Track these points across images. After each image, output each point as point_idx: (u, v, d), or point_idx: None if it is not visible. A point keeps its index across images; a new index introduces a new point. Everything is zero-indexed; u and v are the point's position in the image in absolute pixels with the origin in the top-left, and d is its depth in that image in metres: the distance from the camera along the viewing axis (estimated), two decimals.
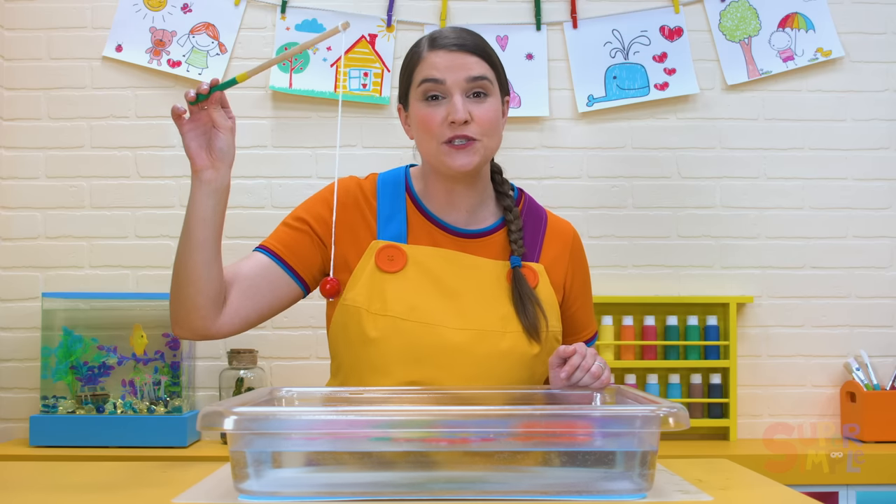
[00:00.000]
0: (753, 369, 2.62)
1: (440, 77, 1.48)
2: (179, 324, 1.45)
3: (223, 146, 1.40)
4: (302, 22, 2.62)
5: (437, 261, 1.53)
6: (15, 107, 2.61)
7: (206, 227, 1.41)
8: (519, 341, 1.50)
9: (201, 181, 1.40)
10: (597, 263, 2.57)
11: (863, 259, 2.64)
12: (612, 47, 2.64)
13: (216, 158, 1.40)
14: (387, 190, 1.58)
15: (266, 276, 1.51)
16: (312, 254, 1.54)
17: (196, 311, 1.43)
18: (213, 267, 1.42)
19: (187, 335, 1.47)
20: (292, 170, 2.62)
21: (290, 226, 1.56)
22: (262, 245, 1.54)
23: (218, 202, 1.42)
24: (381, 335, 1.47)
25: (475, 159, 1.49)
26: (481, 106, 1.49)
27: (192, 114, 1.39)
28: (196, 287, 1.42)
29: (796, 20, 2.65)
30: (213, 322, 1.45)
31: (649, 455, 1.12)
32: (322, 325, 2.52)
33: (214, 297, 1.44)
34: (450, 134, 1.47)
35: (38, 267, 2.59)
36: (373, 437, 1.10)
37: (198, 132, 1.39)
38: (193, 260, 1.41)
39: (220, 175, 1.41)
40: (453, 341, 1.47)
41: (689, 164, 2.65)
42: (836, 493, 2.32)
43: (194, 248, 1.41)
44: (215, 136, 1.40)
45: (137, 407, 2.41)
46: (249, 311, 1.49)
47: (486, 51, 1.52)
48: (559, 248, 1.61)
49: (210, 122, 1.40)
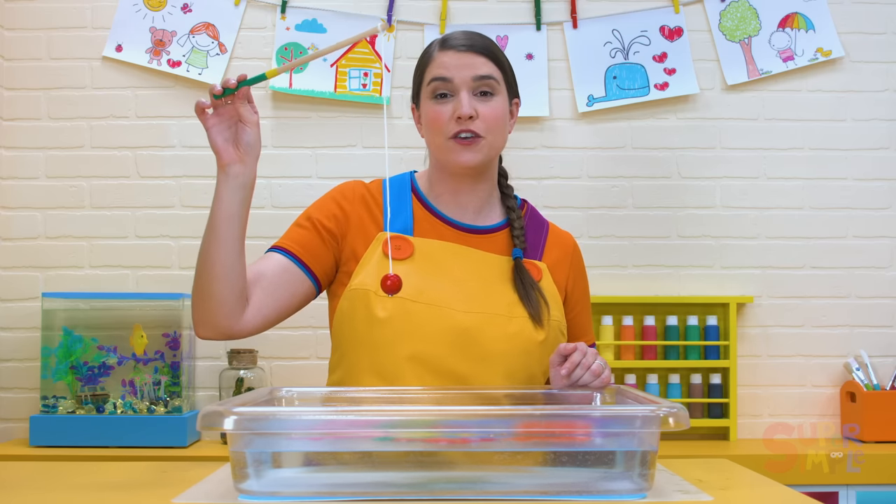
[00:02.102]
0: (753, 369, 2.62)
1: (448, 75, 1.53)
2: (203, 323, 1.45)
3: (250, 140, 1.41)
4: (302, 22, 2.62)
5: (443, 253, 1.55)
6: (15, 107, 2.61)
7: (232, 223, 1.41)
8: (525, 326, 1.52)
9: (228, 175, 1.40)
10: (597, 263, 2.58)
11: (863, 259, 2.64)
12: (612, 47, 2.65)
13: (244, 153, 1.41)
14: (393, 190, 1.61)
15: (285, 275, 1.52)
16: (325, 253, 1.55)
17: (221, 308, 1.43)
18: (239, 263, 1.43)
19: (211, 334, 1.46)
20: (292, 170, 2.62)
21: (302, 226, 1.57)
22: (277, 245, 1.55)
23: (245, 198, 1.42)
24: (390, 315, 1.48)
25: (479, 156, 1.53)
26: (487, 104, 1.53)
27: (217, 108, 1.39)
28: (223, 283, 1.42)
29: (796, 20, 2.65)
30: (238, 320, 1.45)
31: (649, 455, 1.12)
32: (322, 325, 2.52)
33: (239, 294, 1.44)
34: (456, 129, 1.51)
35: (38, 267, 2.59)
36: (375, 437, 1.10)
37: (223, 127, 1.40)
38: (220, 257, 1.41)
39: (247, 169, 1.41)
40: (462, 323, 1.49)
41: (689, 164, 2.65)
42: (836, 493, 2.32)
43: (221, 245, 1.41)
44: (242, 130, 1.40)
45: (137, 407, 2.41)
46: (271, 309, 1.50)
47: (494, 52, 1.56)
48: (560, 253, 1.65)
49: (236, 117, 1.40)
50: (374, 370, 1.49)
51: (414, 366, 1.48)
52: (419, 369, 1.48)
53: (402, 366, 1.47)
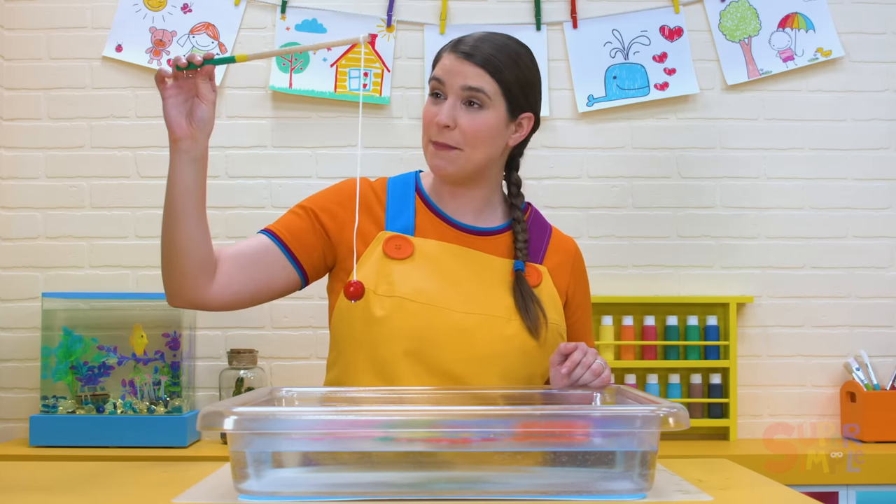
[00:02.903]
0: (753, 369, 2.62)
1: (443, 78, 1.53)
2: (173, 293, 1.47)
3: (204, 116, 1.40)
4: (302, 22, 2.62)
5: (444, 254, 1.55)
6: (15, 107, 2.61)
7: (188, 196, 1.41)
8: (524, 328, 1.52)
9: (180, 150, 1.40)
10: (597, 263, 2.58)
11: (863, 259, 2.64)
12: (612, 47, 2.64)
13: (196, 128, 1.40)
14: (396, 189, 1.62)
15: (264, 255, 1.52)
16: (315, 244, 1.55)
17: (185, 279, 1.44)
18: (199, 234, 1.43)
19: (181, 304, 1.48)
20: (292, 170, 2.62)
21: (296, 214, 1.58)
22: (266, 228, 1.56)
23: (198, 170, 1.42)
24: (388, 314, 1.48)
25: (451, 167, 1.53)
26: (471, 116, 1.51)
27: (178, 80, 1.38)
28: (184, 255, 1.43)
29: (796, 20, 2.65)
30: (206, 291, 1.46)
31: (649, 455, 1.12)
32: (322, 325, 2.52)
33: (203, 265, 1.45)
34: (435, 134, 1.52)
35: (38, 267, 2.59)
36: (375, 437, 1.10)
37: (179, 100, 1.39)
38: (179, 229, 1.42)
39: (198, 145, 1.41)
40: (460, 324, 1.49)
41: (690, 164, 2.65)
42: (836, 493, 2.31)
43: (179, 217, 1.42)
44: (197, 105, 1.40)
45: (137, 407, 2.41)
46: (242, 285, 1.50)
47: (496, 66, 1.52)
48: (562, 258, 1.65)
49: (194, 91, 1.40)
50: (371, 367, 1.49)
51: (411, 362, 1.48)
52: (416, 366, 1.48)
53: (399, 362, 1.48)
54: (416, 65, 2.63)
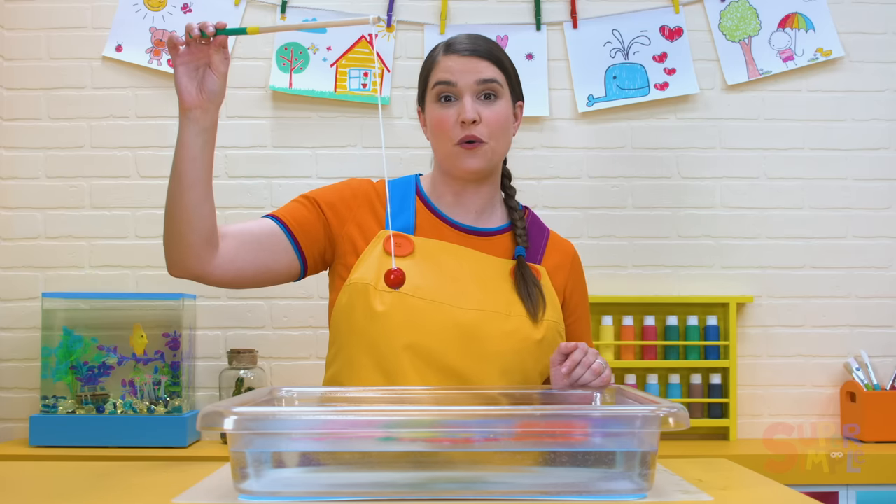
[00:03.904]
0: (753, 369, 2.62)
1: (452, 80, 1.54)
2: (174, 263, 1.47)
3: (215, 87, 1.40)
4: (302, 22, 2.61)
5: (443, 252, 1.56)
6: (15, 107, 2.61)
7: (195, 165, 1.41)
8: (523, 325, 1.53)
9: (189, 119, 1.40)
10: (597, 263, 2.58)
11: (863, 259, 2.64)
12: (612, 47, 2.65)
13: (206, 99, 1.40)
14: (397, 190, 1.63)
15: (270, 238, 1.53)
16: (317, 234, 1.57)
17: (189, 249, 1.44)
18: (205, 205, 1.43)
19: (182, 275, 1.47)
20: (292, 170, 2.62)
21: (301, 204, 1.59)
22: (272, 213, 1.57)
23: (207, 141, 1.42)
24: (388, 309, 1.49)
25: (482, 161, 1.55)
26: (490, 108, 1.55)
27: (190, 47, 1.38)
28: (189, 225, 1.42)
29: (796, 20, 2.65)
30: (208, 263, 1.46)
31: (649, 455, 1.12)
32: (322, 325, 2.52)
33: (207, 236, 1.45)
34: (461, 134, 1.53)
35: (38, 267, 2.59)
36: (376, 437, 1.10)
37: (191, 68, 1.39)
38: (185, 199, 1.42)
39: (208, 115, 1.41)
40: (460, 320, 1.50)
41: (689, 164, 2.65)
42: (836, 493, 2.32)
43: (186, 187, 1.41)
44: (208, 75, 1.40)
45: (137, 407, 2.41)
46: (245, 263, 1.50)
47: (497, 56, 1.57)
48: (559, 259, 1.66)
49: (206, 60, 1.40)
50: (372, 362, 1.50)
51: (412, 357, 1.48)
52: (417, 361, 1.48)
53: (400, 356, 1.48)
54: (416, 65, 2.62)
